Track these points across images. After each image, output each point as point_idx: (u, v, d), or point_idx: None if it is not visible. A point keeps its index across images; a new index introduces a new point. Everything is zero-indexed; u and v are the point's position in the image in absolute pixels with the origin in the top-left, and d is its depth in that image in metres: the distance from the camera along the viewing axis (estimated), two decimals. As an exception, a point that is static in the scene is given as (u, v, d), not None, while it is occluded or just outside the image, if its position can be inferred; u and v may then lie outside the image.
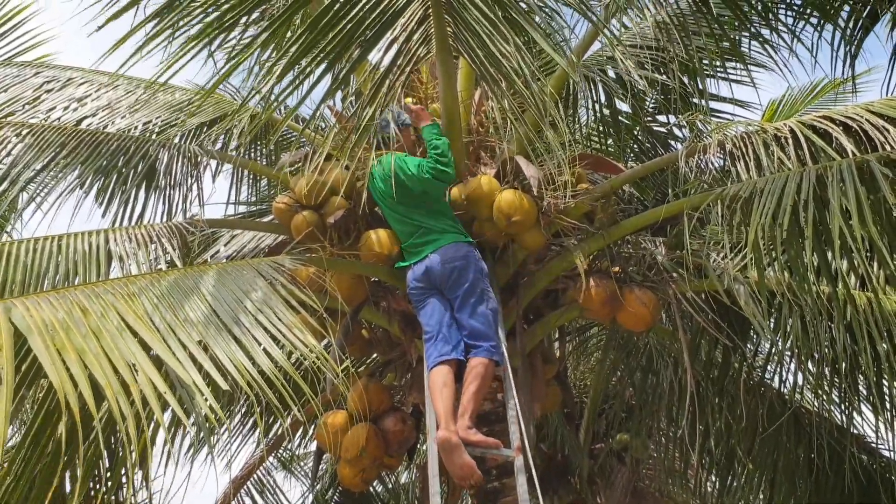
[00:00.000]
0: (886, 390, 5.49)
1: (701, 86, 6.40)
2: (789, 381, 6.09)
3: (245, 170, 6.86)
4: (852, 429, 5.97)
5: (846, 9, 5.57)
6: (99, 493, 4.40)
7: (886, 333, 4.78)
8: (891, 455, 6.16)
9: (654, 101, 6.89)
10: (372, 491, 8.02)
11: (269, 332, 3.71)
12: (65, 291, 3.46)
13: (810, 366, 5.59)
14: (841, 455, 5.81)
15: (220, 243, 6.48)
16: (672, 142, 7.05)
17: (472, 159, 5.35)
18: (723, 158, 5.19)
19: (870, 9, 5.49)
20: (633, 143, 7.16)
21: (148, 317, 3.45)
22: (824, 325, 4.91)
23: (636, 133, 7.16)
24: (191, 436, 6.45)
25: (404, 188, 4.77)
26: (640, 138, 7.18)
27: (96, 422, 3.01)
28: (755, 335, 6.13)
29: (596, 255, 5.34)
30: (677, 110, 6.40)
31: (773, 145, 4.83)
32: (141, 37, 4.24)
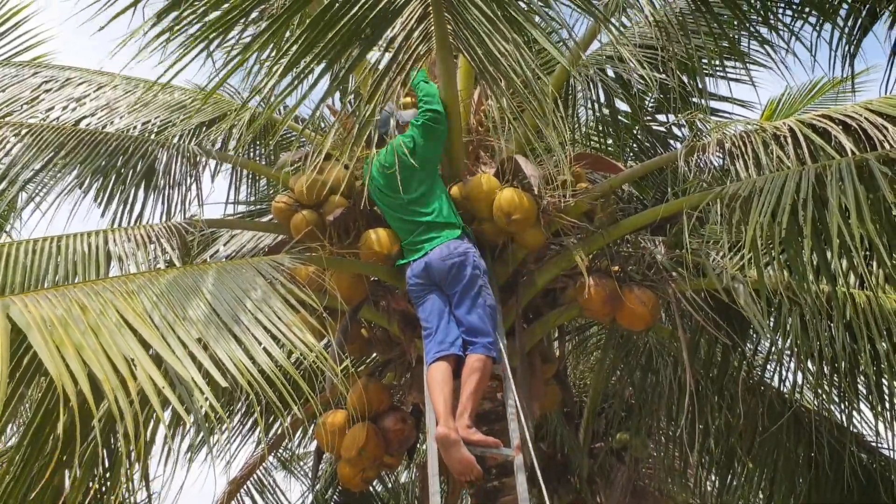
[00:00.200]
0: (886, 389, 5.48)
1: (700, 85, 6.41)
2: (789, 379, 6.09)
3: (244, 169, 6.85)
4: (852, 427, 5.98)
5: (845, 7, 5.57)
6: (98, 493, 4.39)
7: (886, 332, 4.77)
8: (890, 454, 6.15)
9: (653, 101, 6.89)
10: (372, 490, 8.01)
11: (268, 331, 3.71)
12: (64, 289, 3.45)
13: (810, 365, 5.59)
14: (840, 454, 5.80)
15: (220, 243, 6.48)
16: (671, 141, 7.05)
17: (472, 158, 5.34)
18: (722, 157, 5.19)
19: (868, 7, 5.49)
20: (632, 142, 7.16)
21: (147, 314, 3.45)
22: (824, 324, 4.90)
23: (635, 132, 7.16)
24: (190, 435, 6.44)
25: (405, 169, 4.72)
26: (640, 137, 7.18)
27: (95, 420, 3.00)
28: (755, 334, 6.13)
29: (595, 255, 5.34)
30: (676, 109, 6.40)
31: (773, 144, 4.83)
32: (141, 37, 4.25)
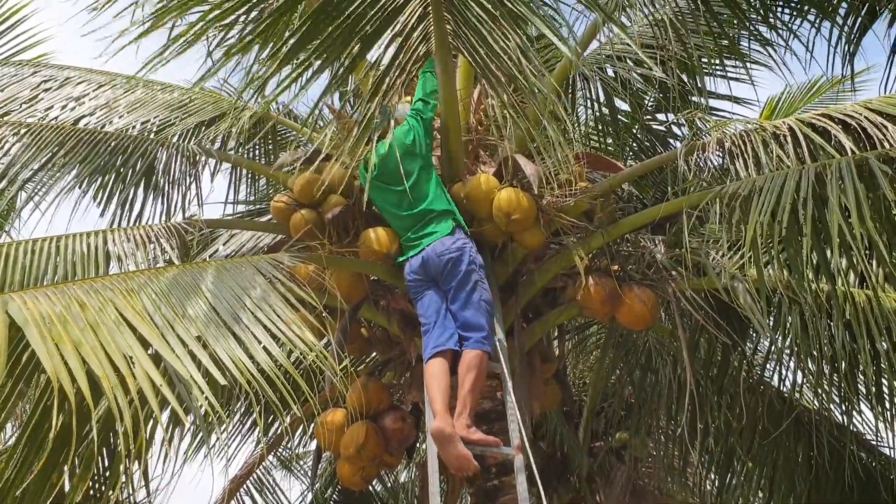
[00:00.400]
0: (886, 388, 5.48)
1: (700, 83, 6.40)
2: (789, 379, 6.09)
3: (244, 169, 6.85)
4: (852, 427, 5.97)
5: (844, 6, 5.57)
6: (98, 492, 4.39)
7: (885, 331, 4.76)
8: (890, 453, 6.16)
9: (652, 100, 6.89)
10: (371, 490, 8.01)
11: (267, 330, 3.70)
12: (63, 287, 3.45)
13: (810, 364, 5.59)
14: (840, 453, 5.81)
15: (219, 243, 6.47)
16: (671, 140, 7.05)
17: (471, 158, 5.33)
18: (722, 156, 5.19)
19: (868, 6, 5.49)
20: (631, 141, 7.16)
21: (146, 312, 3.44)
22: (823, 323, 4.90)
23: (635, 131, 7.16)
24: (190, 434, 6.44)
25: (403, 161, 4.71)
26: (639, 137, 7.18)
27: (93, 419, 3.00)
28: (754, 333, 6.13)
29: (595, 254, 5.33)
30: (676, 108, 6.40)
31: (772, 143, 4.82)
32: (140, 36, 4.25)
